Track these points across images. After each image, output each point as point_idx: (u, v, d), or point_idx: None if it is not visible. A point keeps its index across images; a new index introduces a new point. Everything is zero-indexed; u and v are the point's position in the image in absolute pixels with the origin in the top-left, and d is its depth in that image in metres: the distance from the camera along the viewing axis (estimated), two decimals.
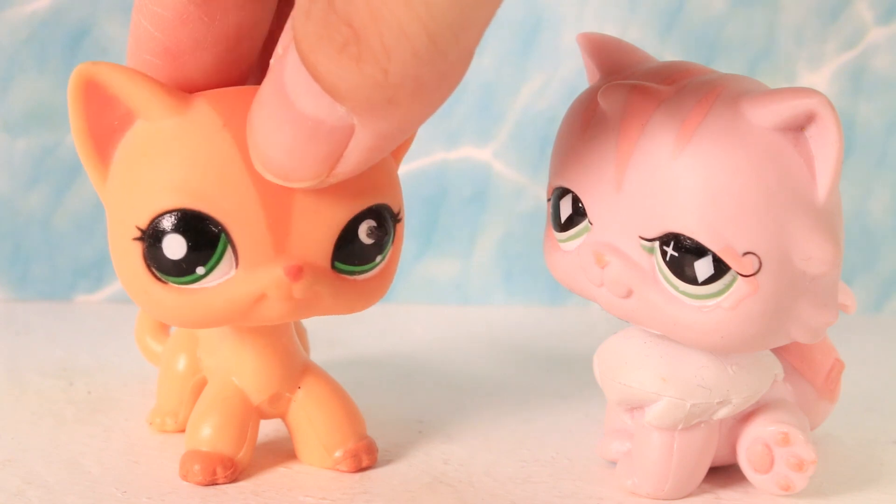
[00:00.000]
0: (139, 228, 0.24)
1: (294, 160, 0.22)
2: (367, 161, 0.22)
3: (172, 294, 0.24)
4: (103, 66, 0.24)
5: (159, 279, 0.24)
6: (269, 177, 0.23)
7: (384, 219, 0.25)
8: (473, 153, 0.50)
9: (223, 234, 0.23)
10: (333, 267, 0.25)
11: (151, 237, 0.24)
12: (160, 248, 0.24)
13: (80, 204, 0.48)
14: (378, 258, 0.25)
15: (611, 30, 0.48)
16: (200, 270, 0.24)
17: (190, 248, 0.23)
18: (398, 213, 0.26)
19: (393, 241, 0.26)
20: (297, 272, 0.24)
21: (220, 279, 0.24)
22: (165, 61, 0.25)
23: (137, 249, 0.24)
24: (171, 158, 0.24)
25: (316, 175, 0.22)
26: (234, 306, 0.24)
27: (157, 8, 0.24)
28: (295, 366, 0.28)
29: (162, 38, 0.24)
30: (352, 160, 0.22)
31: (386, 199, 0.25)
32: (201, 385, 0.29)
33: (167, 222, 0.23)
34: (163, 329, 0.34)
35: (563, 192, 0.26)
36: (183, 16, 0.24)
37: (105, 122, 0.24)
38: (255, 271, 0.24)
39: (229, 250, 0.24)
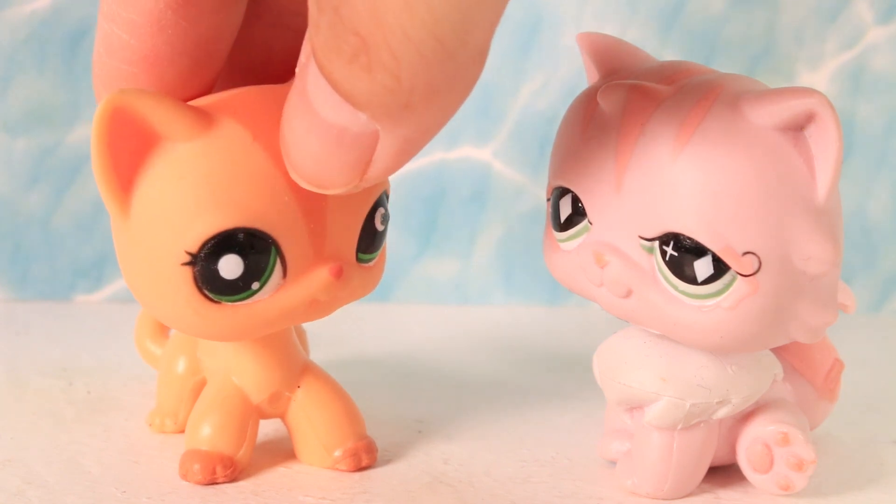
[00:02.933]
0: (189, 253, 0.23)
1: (325, 168, 0.22)
2: (397, 165, 0.22)
3: (227, 312, 0.24)
4: (131, 92, 0.23)
5: (212, 300, 0.24)
6: (304, 185, 0.23)
7: (385, 203, 0.26)
8: (473, 153, 0.50)
9: (273, 247, 0.24)
10: (356, 258, 0.25)
11: (205, 260, 0.23)
12: (216, 270, 0.23)
13: (80, 204, 0.48)
14: (384, 241, 0.26)
15: (611, 30, 0.48)
16: (255, 285, 0.24)
17: (246, 266, 0.23)
18: (389, 195, 0.27)
19: None
20: (339, 272, 0.24)
21: (272, 290, 0.24)
22: (142, 69, 0.24)
23: (186, 274, 0.23)
24: (211, 178, 0.23)
25: (348, 181, 0.22)
26: (288, 313, 0.25)
27: (132, 15, 0.23)
28: (294, 365, 0.28)
29: (138, 46, 0.23)
30: (380, 165, 0.22)
31: (385, 184, 0.26)
32: (201, 386, 0.29)
33: (222, 243, 0.23)
34: (162, 332, 0.34)
35: (562, 192, 0.26)
36: (161, 21, 0.23)
37: (127, 150, 0.23)
38: (302, 278, 0.24)
39: (279, 261, 0.24)
